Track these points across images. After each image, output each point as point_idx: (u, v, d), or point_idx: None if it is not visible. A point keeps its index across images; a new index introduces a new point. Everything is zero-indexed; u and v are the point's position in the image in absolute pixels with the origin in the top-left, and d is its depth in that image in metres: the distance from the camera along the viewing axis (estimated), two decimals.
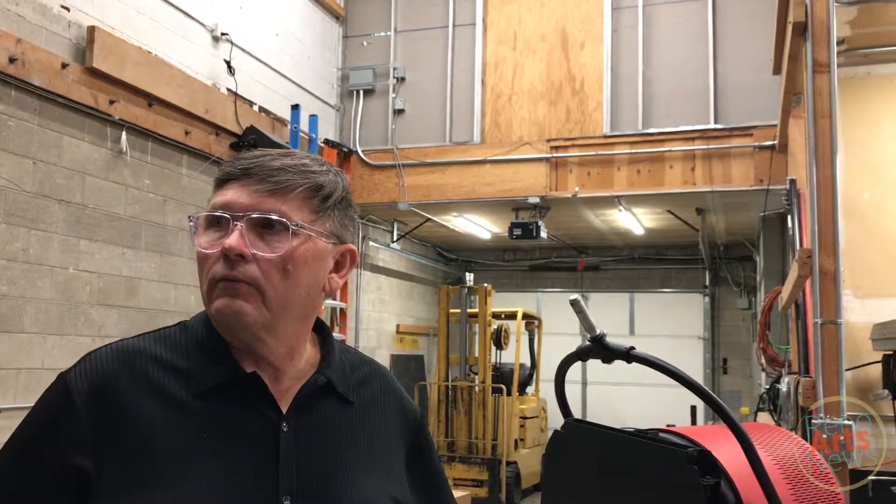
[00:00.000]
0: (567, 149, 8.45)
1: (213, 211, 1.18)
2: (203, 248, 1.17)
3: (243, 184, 1.18)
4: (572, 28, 8.66)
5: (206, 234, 1.18)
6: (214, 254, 1.15)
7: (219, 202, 1.18)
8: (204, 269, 1.17)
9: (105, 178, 5.83)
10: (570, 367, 1.26)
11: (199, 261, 1.18)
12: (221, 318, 1.16)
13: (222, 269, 1.14)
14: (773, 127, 6.90)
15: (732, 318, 12.28)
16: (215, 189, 1.21)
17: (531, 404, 10.41)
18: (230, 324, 1.17)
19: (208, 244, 1.17)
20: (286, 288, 1.16)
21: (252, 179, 1.18)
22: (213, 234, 1.18)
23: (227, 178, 1.20)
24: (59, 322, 5.41)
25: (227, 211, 1.16)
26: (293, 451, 1.17)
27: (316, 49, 8.92)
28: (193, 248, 1.21)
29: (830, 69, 3.40)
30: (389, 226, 10.56)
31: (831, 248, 3.28)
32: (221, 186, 1.20)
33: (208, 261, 1.16)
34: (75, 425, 1.11)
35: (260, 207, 1.16)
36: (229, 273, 1.14)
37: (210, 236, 1.18)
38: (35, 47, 5.23)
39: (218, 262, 1.15)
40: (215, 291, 1.15)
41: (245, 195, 1.17)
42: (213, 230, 1.18)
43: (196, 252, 1.19)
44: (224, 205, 1.17)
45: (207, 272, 1.16)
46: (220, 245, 1.15)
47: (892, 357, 3.52)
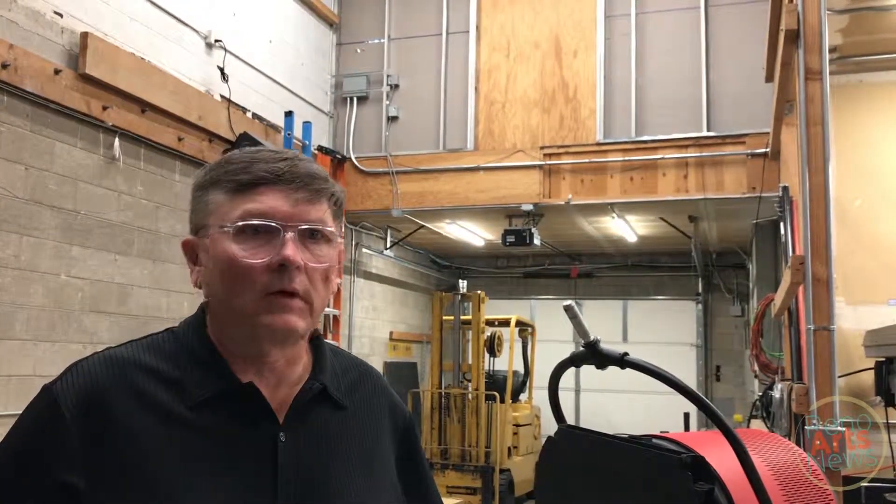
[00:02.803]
0: (560, 156, 8.47)
1: (251, 219, 1.12)
2: (247, 258, 1.11)
3: (280, 189, 1.14)
4: (565, 36, 8.68)
5: (241, 242, 1.12)
6: (260, 264, 1.10)
7: (256, 209, 1.12)
8: (247, 282, 1.11)
9: (98, 185, 5.81)
10: (564, 374, 1.26)
11: (240, 272, 1.11)
12: (271, 333, 1.13)
13: (277, 282, 1.11)
14: (766, 134, 6.93)
15: (725, 326, 12.29)
16: (235, 192, 1.15)
17: (524, 412, 10.39)
18: (277, 339, 1.14)
19: (252, 254, 1.11)
20: (325, 296, 1.17)
21: (290, 186, 1.14)
22: (253, 243, 1.12)
23: (255, 182, 1.14)
24: (51, 329, 5.38)
25: (273, 219, 1.12)
26: (292, 461, 1.15)
27: (309, 56, 8.93)
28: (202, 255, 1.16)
29: (823, 76, 3.41)
30: (383, 233, 10.55)
31: (824, 254, 3.29)
32: (248, 190, 1.14)
33: (253, 271, 1.11)
34: (65, 442, 1.06)
35: (306, 217, 1.14)
36: (287, 286, 1.11)
37: (250, 245, 1.12)
38: (28, 53, 5.22)
39: (266, 274, 1.11)
40: (264, 305, 1.11)
41: (287, 203, 1.13)
42: (250, 239, 1.12)
43: (230, 262, 1.12)
44: (265, 213, 1.12)
45: (253, 284, 1.11)
46: (267, 255, 1.11)
47: (884, 364, 3.52)
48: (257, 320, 1.12)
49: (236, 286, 1.12)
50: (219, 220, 1.15)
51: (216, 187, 1.17)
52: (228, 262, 1.12)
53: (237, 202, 1.14)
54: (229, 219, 1.13)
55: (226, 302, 1.15)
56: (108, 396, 1.10)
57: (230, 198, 1.15)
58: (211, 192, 1.17)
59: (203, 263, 1.18)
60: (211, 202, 1.17)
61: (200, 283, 1.19)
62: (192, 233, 1.20)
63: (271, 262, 1.11)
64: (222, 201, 1.15)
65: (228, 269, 1.12)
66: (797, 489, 1.10)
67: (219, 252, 1.13)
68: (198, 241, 1.19)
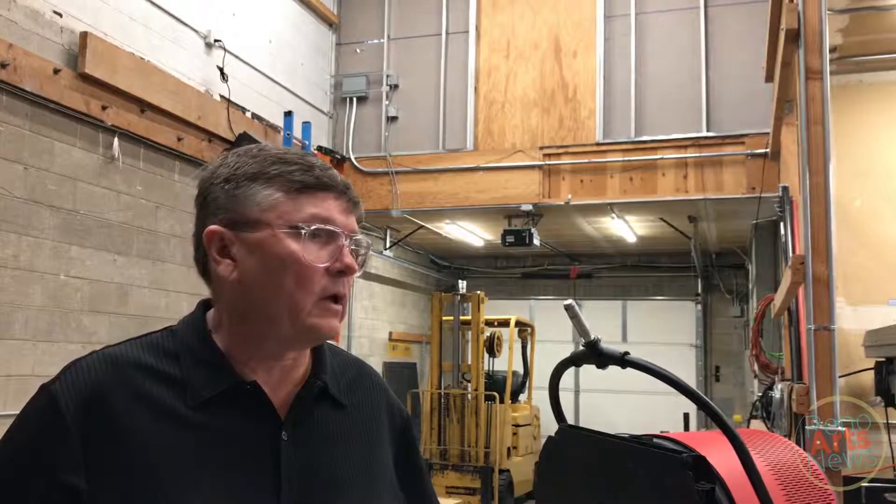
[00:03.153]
0: (560, 156, 8.46)
1: (320, 223, 1.14)
2: (313, 260, 1.13)
3: (337, 197, 1.17)
4: (565, 36, 8.68)
5: (304, 244, 1.13)
6: (321, 268, 1.14)
7: (322, 215, 1.15)
8: (308, 282, 1.13)
9: (97, 185, 5.80)
10: (564, 373, 1.26)
11: (303, 271, 1.13)
12: (315, 334, 1.16)
13: (334, 286, 1.15)
14: (766, 135, 6.92)
15: (725, 326, 12.30)
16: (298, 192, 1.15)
17: (524, 412, 10.39)
18: (316, 340, 1.19)
19: (316, 257, 1.14)
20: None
21: (343, 195, 1.18)
22: (314, 245, 1.14)
23: (318, 187, 1.16)
24: (50, 329, 5.38)
25: (336, 226, 1.16)
26: (294, 459, 1.15)
27: (309, 56, 8.93)
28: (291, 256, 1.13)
29: (823, 76, 3.41)
30: (382, 233, 10.55)
31: (824, 254, 3.28)
32: (312, 193, 1.15)
33: (316, 274, 1.13)
34: (65, 443, 1.05)
35: (353, 227, 1.19)
36: (341, 291, 1.16)
37: (313, 248, 1.14)
38: (27, 53, 5.21)
39: (326, 278, 1.14)
40: (319, 308, 1.14)
41: (342, 212, 1.17)
42: (311, 241, 1.14)
43: (298, 262, 1.12)
44: (331, 219, 1.15)
45: (312, 287, 1.13)
46: (325, 259, 1.14)
47: (884, 364, 3.52)
48: (308, 321, 1.13)
49: (298, 287, 1.13)
50: (281, 219, 1.13)
51: (269, 184, 1.14)
52: (293, 262, 1.12)
53: (301, 203, 1.14)
54: (297, 219, 1.13)
55: (276, 302, 1.13)
56: (107, 396, 1.09)
57: (292, 198, 1.14)
58: (262, 187, 1.14)
59: (239, 258, 1.14)
60: (267, 197, 1.14)
61: (237, 279, 1.15)
62: (223, 225, 1.15)
63: (331, 267, 1.14)
64: (282, 199, 1.14)
65: (291, 269, 1.12)
66: (798, 489, 1.10)
67: (279, 250, 1.12)
68: (235, 235, 1.14)
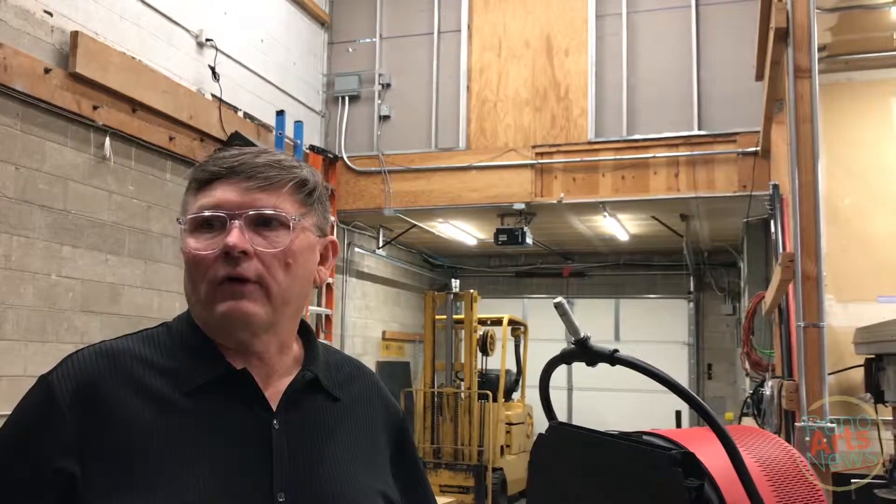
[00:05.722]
0: (552, 155, 8.47)
1: (202, 212, 1.16)
2: (198, 249, 1.14)
3: (231, 182, 1.17)
4: (557, 35, 8.69)
5: (196, 236, 1.16)
6: (211, 255, 1.13)
7: (207, 203, 1.16)
8: (200, 272, 1.14)
9: (88, 184, 5.79)
10: (554, 370, 1.26)
11: (193, 264, 1.15)
12: (227, 320, 1.14)
13: (225, 269, 1.13)
14: (756, 133, 6.95)
15: (717, 324, 12.33)
16: (196, 190, 1.20)
17: (517, 410, 10.41)
18: (235, 326, 1.15)
19: (204, 245, 1.14)
20: (288, 282, 1.17)
21: (240, 177, 1.17)
22: (207, 235, 1.15)
23: (210, 178, 1.18)
24: (42, 329, 5.36)
25: (221, 210, 1.15)
26: (285, 447, 1.16)
27: (301, 55, 8.91)
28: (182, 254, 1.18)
29: (812, 74, 3.43)
30: (375, 232, 10.54)
31: (813, 252, 3.30)
32: (205, 187, 1.19)
33: (204, 263, 1.14)
34: (60, 428, 1.09)
35: (255, 204, 1.15)
36: (234, 271, 1.13)
37: (203, 238, 1.16)
38: (17, 52, 5.19)
39: (217, 263, 1.13)
40: (218, 294, 1.14)
41: (236, 193, 1.16)
42: (205, 232, 1.16)
43: (187, 256, 1.16)
44: (215, 205, 1.15)
45: (205, 274, 1.14)
46: (217, 245, 1.13)
47: (874, 361, 3.54)
48: (213, 310, 1.14)
49: (194, 278, 1.16)
50: (183, 218, 1.19)
51: (187, 189, 1.22)
52: (186, 256, 1.16)
53: (196, 199, 1.19)
54: (188, 215, 1.18)
55: (191, 296, 1.19)
56: (102, 385, 1.13)
57: (193, 196, 1.20)
58: (186, 194, 1.23)
59: None
60: (183, 203, 1.22)
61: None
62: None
63: (219, 252, 1.14)
64: (188, 201, 1.20)
65: (187, 263, 1.17)
66: (787, 485, 1.11)
67: (182, 247, 1.18)
68: None
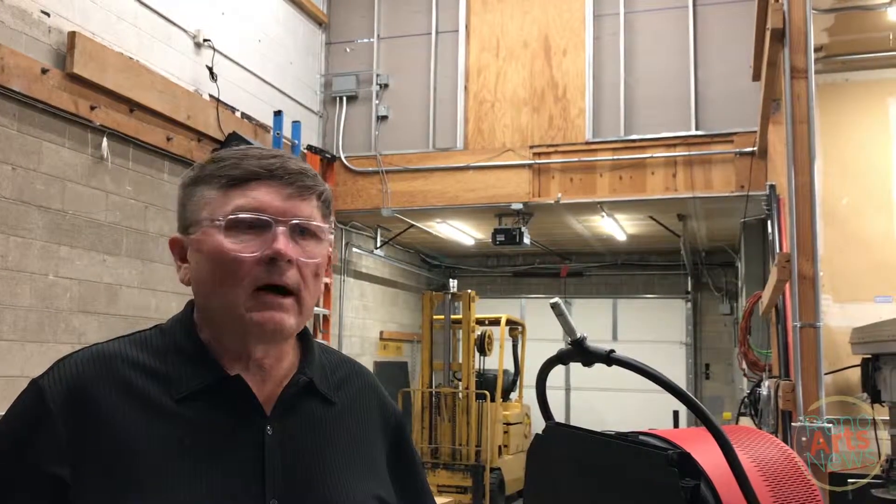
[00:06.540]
0: (550, 155, 8.48)
1: (243, 213, 1.12)
2: (237, 251, 1.10)
3: (272, 186, 1.14)
4: (554, 35, 8.70)
5: (233, 237, 1.12)
6: (251, 259, 1.10)
7: (247, 204, 1.12)
8: (237, 276, 1.10)
9: (86, 185, 5.78)
10: (551, 371, 1.27)
11: (229, 265, 1.11)
12: (259, 330, 1.12)
13: (267, 275, 1.10)
14: (754, 133, 6.95)
15: (714, 324, 12.34)
16: (227, 187, 1.14)
17: (515, 410, 10.40)
18: (266, 336, 1.13)
19: (243, 248, 1.11)
20: (315, 293, 1.17)
21: (280, 182, 1.14)
22: (246, 237, 1.12)
23: (247, 178, 1.14)
24: (39, 329, 5.36)
25: (265, 214, 1.12)
26: (278, 453, 1.15)
27: (299, 55, 8.91)
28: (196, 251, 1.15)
29: (808, 75, 3.43)
30: (373, 232, 10.54)
31: (810, 252, 3.31)
32: (239, 185, 1.14)
33: (244, 266, 1.10)
34: (51, 434, 1.07)
35: (298, 213, 1.14)
36: (280, 280, 1.10)
37: (241, 240, 1.12)
38: (14, 52, 5.19)
39: (259, 268, 1.10)
40: (257, 302, 1.11)
41: (278, 198, 1.13)
42: (241, 234, 1.12)
43: (221, 255, 1.11)
44: (258, 207, 1.12)
45: (243, 279, 1.10)
46: (258, 249, 1.10)
47: (870, 361, 3.55)
48: (247, 317, 1.11)
49: (227, 281, 1.11)
50: (210, 215, 1.14)
51: (207, 184, 1.16)
52: (219, 256, 1.11)
53: (229, 197, 1.14)
54: (221, 213, 1.13)
55: (214, 298, 1.14)
56: (94, 390, 1.11)
57: (222, 193, 1.14)
58: (201, 188, 1.17)
59: (191, 260, 1.17)
60: (202, 198, 1.16)
61: (189, 281, 1.18)
62: (180, 231, 1.20)
63: (262, 256, 1.10)
64: (214, 197, 1.15)
65: (219, 263, 1.12)
66: (783, 485, 1.11)
67: (209, 246, 1.12)
68: (186, 238, 1.18)
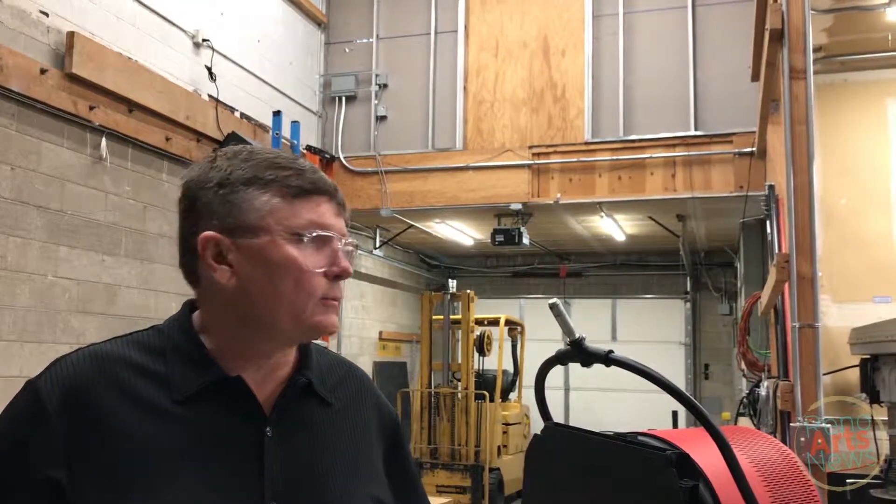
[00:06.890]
0: (549, 155, 8.48)
1: (318, 230, 1.16)
2: (311, 266, 1.16)
3: (330, 202, 1.20)
4: (553, 35, 8.70)
5: (303, 250, 1.15)
6: (320, 273, 1.16)
7: (318, 220, 1.17)
8: (310, 289, 1.16)
9: (84, 185, 5.78)
10: (549, 371, 1.27)
11: (304, 276, 1.15)
12: (316, 331, 1.19)
13: (334, 291, 1.18)
14: (753, 133, 6.95)
15: (713, 324, 12.35)
16: (293, 197, 1.16)
17: (514, 410, 10.41)
18: (315, 336, 1.22)
19: (315, 263, 1.16)
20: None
21: (333, 199, 1.20)
22: (310, 251, 1.16)
23: (312, 192, 1.18)
24: (38, 329, 5.35)
25: (333, 231, 1.18)
26: (277, 454, 1.15)
27: (298, 55, 8.91)
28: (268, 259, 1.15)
29: (807, 75, 3.43)
30: (372, 232, 10.54)
31: (809, 252, 3.31)
32: (305, 197, 1.17)
33: (317, 281, 1.16)
34: (47, 436, 1.07)
35: (343, 230, 1.21)
36: (339, 294, 1.20)
37: (311, 254, 1.16)
38: (13, 52, 5.19)
39: (326, 282, 1.17)
40: (319, 308, 1.17)
41: (334, 215, 1.20)
42: (306, 248, 1.16)
43: (298, 268, 1.14)
44: (327, 225, 1.18)
45: (315, 289, 1.16)
46: (322, 262, 1.16)
47: (869, 361, 3.55)
48: (312, 320, 1.17)
49: (299, 291, 1.15)
50: (280, 225, 1.14)
51: (266, 188, 1.15)
52: (294, 268, 1.14)
53: (297, 209, 1.16)
54: (295, 225, 1.15)
55: (279, 306, 1.15)
56: (91, 391, 1.11)
57: (288, 203, 1.15)
58: (257, 191, 1.15)
59: (243, 264, 1.14)
60: (265, 204, 1.14)
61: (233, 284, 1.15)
62: (221, 231, 1.15)
63: (329, 271, 1.17)
64: (279, 205, 1.15)
65: (292, 274, 1.14)
66: (781, 485, 1.11)
67: (280, 257, 1.14)
68: (233, 241, 1.15)
